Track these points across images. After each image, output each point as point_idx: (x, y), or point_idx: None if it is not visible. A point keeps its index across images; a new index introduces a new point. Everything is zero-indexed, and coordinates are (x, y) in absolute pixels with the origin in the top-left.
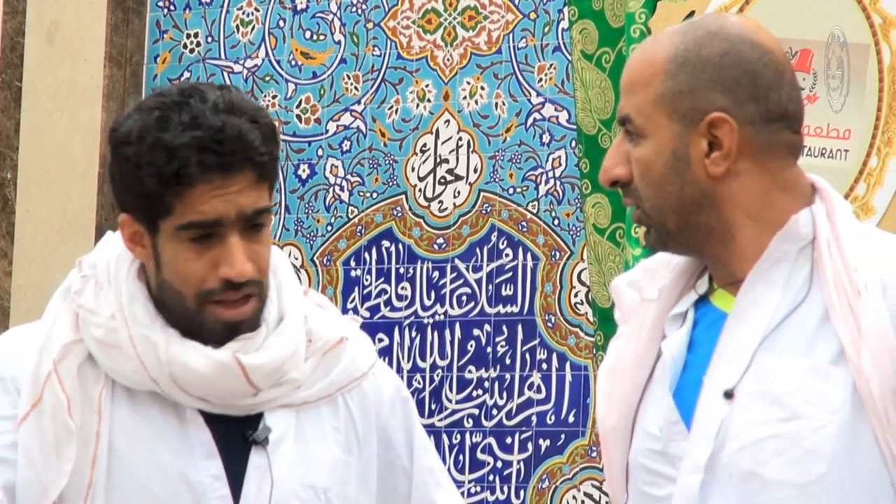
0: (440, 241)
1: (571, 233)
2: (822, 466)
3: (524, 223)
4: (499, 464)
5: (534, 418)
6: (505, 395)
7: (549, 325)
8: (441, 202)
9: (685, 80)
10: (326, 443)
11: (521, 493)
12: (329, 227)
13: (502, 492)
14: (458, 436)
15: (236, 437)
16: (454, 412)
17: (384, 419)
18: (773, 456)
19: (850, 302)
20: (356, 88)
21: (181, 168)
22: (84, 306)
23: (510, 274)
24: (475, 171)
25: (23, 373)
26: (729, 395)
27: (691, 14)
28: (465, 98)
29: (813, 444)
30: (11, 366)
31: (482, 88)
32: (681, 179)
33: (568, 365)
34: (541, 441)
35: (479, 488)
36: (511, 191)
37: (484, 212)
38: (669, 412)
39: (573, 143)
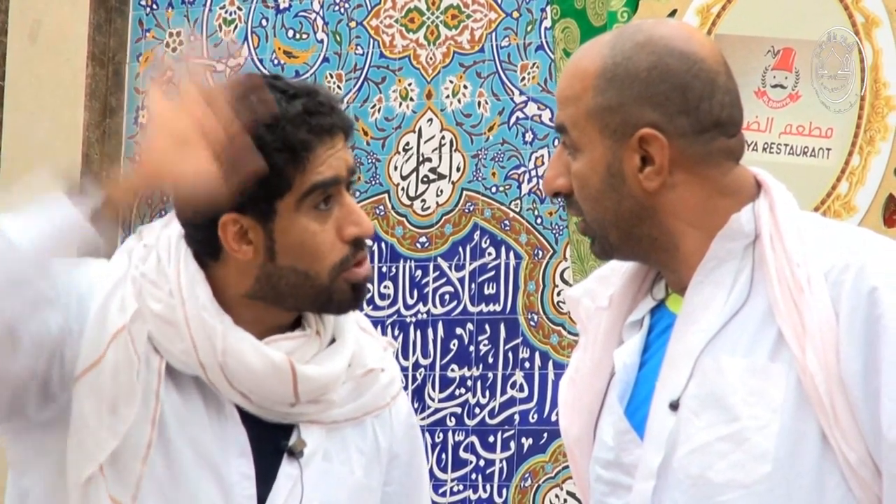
0: (423, 239)
1: (554, 231)
2: (766, 465)
3: (507, 222)
4: (481, 462)
5: (516, 417)
6: (487, 393)
7: (532, 323)
8: (424, 201)
9: (614, 96)
10: (350, 464)
11: (504, 491)
12: None
13: (485, 490)
14: (441, 434)
15: (269, 443)
16: (437, 411)
17: (397, 444)
18: (719, 458)
19: (794, 298)
20: (339, 87)
21: (299, 137)
22: (147, 276)
23: (493, 273)
24: (458, 169)
25: (87, 314)
26: (674, 406)
27: (673, 13)
28: (447, 97)
29: (756, 444)
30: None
31: (465, 87)
32: (617, 194)
33: (551, 364)
34: (523, 440)
35: (461, 487)
36: (494, 189)
37: (467, 210)
38: (619, 421)
39: (556, 142)
